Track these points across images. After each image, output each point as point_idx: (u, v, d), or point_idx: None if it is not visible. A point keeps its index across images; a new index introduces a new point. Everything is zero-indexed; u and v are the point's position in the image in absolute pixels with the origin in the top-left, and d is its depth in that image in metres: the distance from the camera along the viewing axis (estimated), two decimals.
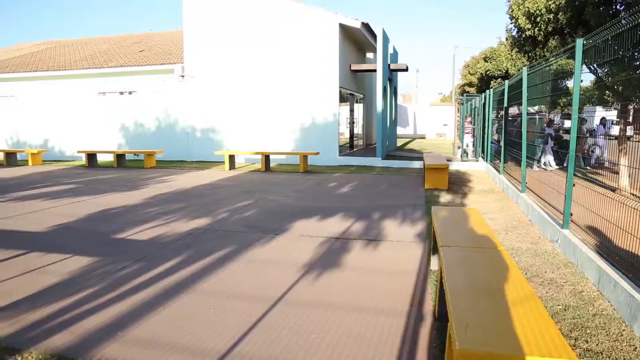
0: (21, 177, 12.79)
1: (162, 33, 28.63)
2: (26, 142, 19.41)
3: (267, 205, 8.12)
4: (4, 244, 5.72)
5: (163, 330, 3.39)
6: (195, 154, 17.01)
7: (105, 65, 21.10)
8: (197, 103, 16.78)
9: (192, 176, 12.47)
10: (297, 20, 15.38)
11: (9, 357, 3.06)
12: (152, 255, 5.17)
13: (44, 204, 8.49)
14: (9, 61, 25.23)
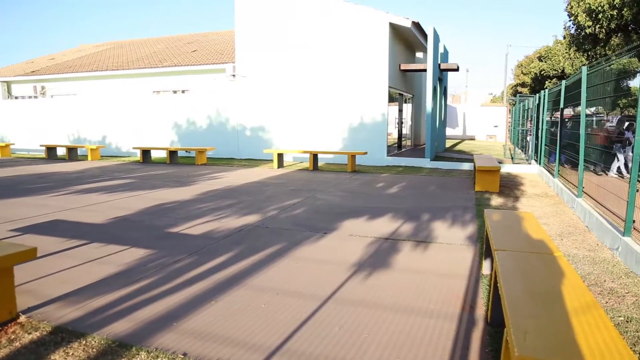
0: (81, 171, 13.42)
1: (214, 33, 29.29)
2: (86, 138, 20.32)
3: (315, 204, 8.18)
4: (68, 234, 6.04)
5: (216, 322, 3.48)
6: (244, 152, 17.32)
7: (160, 65, 21.81)
8: (247, 102, 17.08)
9: (241, 173, 12.70)
10: (347, 19, 15.38)
11: (75, 340, 3.23)
12: (205, 250, 5.31)
13: (103, 197, 8.87)
14: (72, 62, 26.49)
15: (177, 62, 21.86)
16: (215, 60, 20.77)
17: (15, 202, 8.45)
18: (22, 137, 21.77)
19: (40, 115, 21.43)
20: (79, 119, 20.48)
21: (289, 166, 14.79)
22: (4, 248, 3.33)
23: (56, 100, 21.88)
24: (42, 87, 24.73)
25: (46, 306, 3.80)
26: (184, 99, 18.68)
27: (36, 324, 3.48)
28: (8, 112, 22.29)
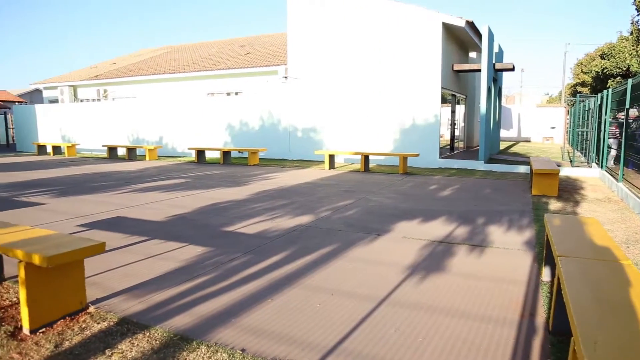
0: (140, 171, 13.98)
1: (266, 36, 29.77)
2: (144, 139, 21.12)
3: (368, 206, 8.16)
4: (130, 230, 6.31)
5: (272, 320, 3.55)
6: (295, 153, 17.51)
7: (214, 67, 22.39)
8: (299, 103, 17.26)
9: (293, 174, 12.85)
10: (399, 19, 15.26)
11: (140, 331, 3.37)
12: (260, 249, 5.42)
13: (161, 196, 9.21)
14: (131, 66, 27.62)
15: (230, 64, 22.38)
16: (268, 63, 21.12)
17: (81, 199, 8.91)
18: (86, 137, 22.89)
19: (102, 117, 22.46)
20: (138, 121, 21.31)
21: (339, 167, 14.82)
22: (76, 242, 3.52)
23: (117, 103, 22.87)
24: (105, 91, 25.94)
25: (112, 298, 3.99)
26: (237, 101, 19.08)
27: (104, 315, 3.66)
28: (74, 115, 23.49)
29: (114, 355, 3.08)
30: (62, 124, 23.80)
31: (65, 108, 24.40)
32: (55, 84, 28.57)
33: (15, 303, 3.94)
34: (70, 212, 7.69)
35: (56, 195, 9.41)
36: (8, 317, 3.68)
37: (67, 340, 3.29)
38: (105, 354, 3.09)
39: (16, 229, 3.97)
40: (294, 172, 13.51)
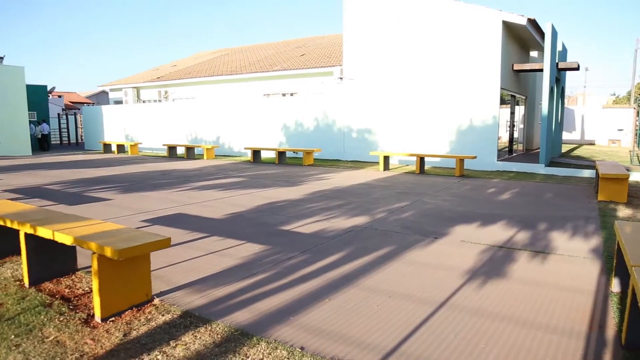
0: (199, 169, 14.42)
1: (321, 37, 29.95)
2: (202, 139, 21.75)
3: (424, 208, 8.04)
4: (190, 227, 6.52)
5: (330, 320, 3.56)
6: (350, 154, 17.51)
7: (270, 69, 22.75)
8: (354, 104, 17.24)
9: (347, 175, 12.85)
10: (457, 19, 14.95)
11: (202, 325, 3.48)
12: (317, 249, 5.45)
13: (218, 194, 9.45)
14: (191, 68, 28.52)
15: (286, 66, 22.67)
16: (323, 64, 21.25)
17: (144, 196, 9.29)
18: (148, 137, 23.83)
19: (163, 117, 23.31)
20: (196, 121, 21.96)
21: (394, 169, 14.69)
22: (144, 237, 3.67)
23: (177, 104, 23.67)
24: (166, 92, 26.92)
25: (175, 292, 4.13)
26: (292, 102, 19.30)
27: (168, 307, 3.80)
28: (136, 115, 24.53)
29: (178, 346, 3.19)
30: (126, 124, 24.89)
31: (129, 109, 25.50)
32: (120, 86, 29.92)
33: (87, 292, 4.16)
34: (134, 207, 8.04)
35: (121, 192, 9.85)
36: (81, 305, 3.89)
37: (135, 329, 3.44)
38: (169, 345, 3.20)
39: (89, 223, 4.18)
40: (349, 172, 13.51)
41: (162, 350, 3.13)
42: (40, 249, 4.32)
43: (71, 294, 4.14)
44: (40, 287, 4.29)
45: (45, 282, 4.40)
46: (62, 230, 3.87)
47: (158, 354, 3.10)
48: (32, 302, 3.96)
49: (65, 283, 4.41)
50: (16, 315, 3.72)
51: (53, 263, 4.46)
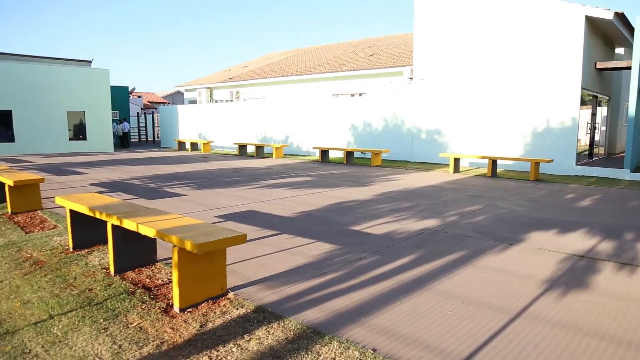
0: (268, 168, 14.73)
1: (391, 37, 29.69)
2: (271, 138, 22.19)
3: (497, 212, 7.76)
4: (261, 224, 6.67)
5: (402, 323, 3.52)
6: (418, 155, 17.23)
7: (339, 69, 22.83)
8: (424, 105, 16.94)
9: (416, 177, 12.66)
10: (535, 14, 14.29)
11: (275, 321, 3.54)
12: (387, 250, 5.40)
13: (288, 193, 9.60)
14: (261, 69, 29.18)
15: (355, 66, 22.66)
16: (392, 64, 21.05)
17: (216, 192, 9.61)
18: (219, 135, 24.63)
19: (234, 117, 24.01)
20: (266, 120, 22.44)
21: (464, 171, 14.30)
22: (221, 232, 3.79)
23: (247, 103, 24.30)
24: (237, 92, 27.72)
25: (248, 287, 4.24)
26: (361, 102, 19.25)
27: (241, 302, 3.90)
28: (209, 114, 25.43)
29: (252, 340, 3.26)
30: (199, 123, 25.87)
31: (202, 108, 26.48)
32: (194, 87, 31.15)
33: (165, 283, 4.36)
34: (207, 203, 8.34)
35: (195, 188, 10.25)
36: (161, 295, 4.07)
37: (210, 321, 3.56)
38: (244, 338, 3.29)
39: (169, 217, 4.38)
40: (418, 174, 13.29)
41: (236, 343, 3.22)
42: (125, 240, 4.58)
43: (151, 284, 4.35)
44: (124, 276, 4.54)
45: (128, 271, 4.66)
46: (146, 223, 4.07)
47: (233, 346, 3.18)
48: (117, 290, 4.20)
49: (146, 273, 4.64)
50: (104, 300, 3.97)
51: (135, 254, 4.71)
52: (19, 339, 3.31)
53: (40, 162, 16.89)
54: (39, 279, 4.51)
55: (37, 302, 3.95)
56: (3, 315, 3.70)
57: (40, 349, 3.17)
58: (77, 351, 3.14)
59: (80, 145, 23.35)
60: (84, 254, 5.26)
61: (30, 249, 5.54)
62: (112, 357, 3.06)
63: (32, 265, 4.91)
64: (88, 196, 5.56)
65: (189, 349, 3.15)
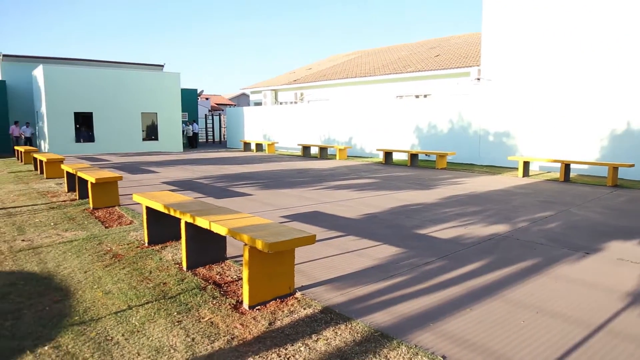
0: (332, 169, 14.80)
1: (457, 37, 29.03)
2: (335, 139, 22.27)
3: (571, 220, 7.39)
4: (327, 225, 6.71)
5: (473, 330, 3.42)
6: (485, 158, 16.71)
7: (403, 70, 22.59)
8: (491, 106, 16.40)
9: (483, 180, 12.28)
10: (613, 8, 13.47)
11: (342, 322, 3.55)
12: (454, 255, 5.28)
13: (352, 194, 9.60)
14: (325, 71, 29.39)
15: (420, 67, 22.34)
16: (459, 64, 20.57)
17: (282, 193, 9.77)
18: (284, 136, 25.02)
19: (298, 118, 24.31)
20: (330, 122, 22.55)
21: (534, 175, 13.71)
22: (291, 232, 3.85)
23: (311, 105, 24.54)
24: (301, 94, 28.08)
25: (315, 287, 4.27)
26: (426, 103, 18.93)
27: (309, 302, 3.94)
28: (274, 115, 25.89)
29: (319, 340, 3.29)
30: (264, 124, 26.40)
31: (267, 110, 27.01)
32: (259, 89, 31.88)
33: (234, 280, 4.48)
34: (273, 203, 8.49)
35: (261, 188, 10.47)
36: (230, 292, 4.19)
37: (279, 320, 3.62)
38: (311, 338, 3.32)
39: (239, 216, 4.50)
40: (484, 178, 12.90)
41: (304, 343, 3.26)
42: (197, 237, 4.75)
43: (221, 280, 4.48)
44: (195, 272, 4.71)
45: (199, 267, 4.83)
46: (217, 221, 4.21)
47: (301, 345, 3.22)
48: (189, 285, 4.36)
49: (216, 270, 4.79)
50: (177, 294, 4.13)
51: (206, 250, 4.88)
52: (102, 327, 3.52)
53: (116, 161, 17.87)
54: (118, 271, 4.78)
55: (117, 293, 4.17)
56: (88, 304, 3.94)
57: (121, 337, 3.35)
58: (154, 341, 3.29)
59: (152, 145, 24.48)
60: (158, 249, 5.51)
61: (110, 242, 5.87)
62: (186, 349, 3.18)
63: (112, 258, 5.21)
64: (162, 194, 5.81)
65: (258, 346, 3.22)
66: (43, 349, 3.18)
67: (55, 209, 8.16)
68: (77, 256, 5.31)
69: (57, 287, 4.36)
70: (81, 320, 3.64)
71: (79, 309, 3.84)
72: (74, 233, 6.40)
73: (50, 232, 6.50)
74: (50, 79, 21.29)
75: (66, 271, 4.79)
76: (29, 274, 4.75)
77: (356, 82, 24.74)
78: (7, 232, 6.48)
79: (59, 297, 4.09)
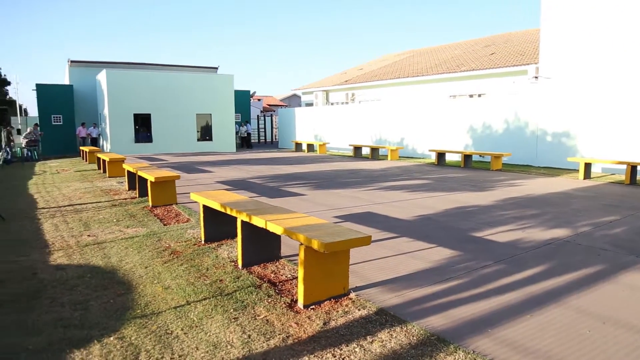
0: (384, 170, 14.71)
1: (513, 33, 28.15)
2: (386, 140, 22.10)
3: (639, 225, 7.00)
4: (380, 226, 6.67)
5: (534, 338, 3.30)
6: (543, 159, 16.09)
7: (457, 69, 22.14)
8: (550, 105, 15.78)
9: (541, 182, 11.84)
10: None
11: (397, 325, 3.52)
12: (512, 259, 5.12)
13: (405, 195, 9.50)
14: (376, 71, 29.22)
15: (474, 66, 21.82)
16: (515, 62, 19.93)
17: (334, 193, 9.80)
18: (334, 137, 25.06)
19: (349, 119, 24.28)
20: (381, 122, 22.39)
21: (596, 178, 13.08)
22: (346, 233, 3.85)
23: (362, 105, 24.46)
24: (352, 94, 28.04)
25: (369, 288, 4.26)
26: (480, 103, 18.45)
27: (363, 303, 3.92)
28: (324, 116, 25.99)
29: (374, 342, 3.27)
30: (315, 125, 26.55)
31: (318, 110, 27.15)
32: (311, 90, 32.09)
33: (289, 279, 4.53)
34: (326, 203, 8.53)
35: (313, 188, 10.54)
36: (285, 290, 4.24)
37: (333, 320, 3.62)
38: (366, 340, 3.30)
39: (294, 216, 4.54)
40: (542, 179, 12.43)
41: (359, 344, 3.25)
42: (252, 236, 4.84)
43: (276, 279, 4.54)
44: (250, 270, 4.80)
45: (254, 266, 4.91)
46: (273, 220, 4.26)
47: (356, 346, 3.22)
48: (245, 282, 4.45)
49: (271, 268, 4.86)
50: (233, 291, 4.22)
51: (261, 249, 4.96)
52: (163, 321, 3.64)
53: (173, 161, 18.47)
54: (176, 267, 4.93)
55: (175, 288, 4.31)
56: (149, 298, 4.10)
57: (180, 332, 3.46)
58: (212, 336, 3.38)
59: (206, 145, 25.14)
60: (214, 247, 5.65)
61: (168, 239, 6.08)
62: (243, 345, 3.24)
63: (170, 255, 5.38)
64: (218, 193, 5.96)
65: (313, 345, 3.24)
66: (109, 339, 3.33)
67: (117, 206, 8.53)
68: (137, 252, 5.53)
69: (120, 280, 4.56)
70: (143, 313, 3.78)
71: (140, 303, 3.99)
72: (134, 230, 6.67)
73: (113, 228, 6.80)
74: (112, 82, 22.29)
75: (128, 266, 5.00)
76: (95, 267, 4.99)
77: (408, 82, 24.46)
78: (75, 228, 6.84)
79: (122, 291, 4.27)
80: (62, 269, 4.95)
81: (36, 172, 15.49)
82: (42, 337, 3.39)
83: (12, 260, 5.30)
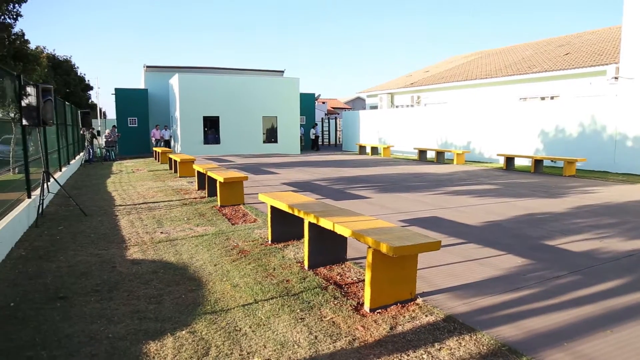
0: (450, 174, 14.40)
1: (591, 32, 26.70)
2: (452, 143, 21.62)
3: None
4: (447, 231, 6.55)
5: (613, 355, 3.13)
6: (622, 165, 15.14)
7: (528, 71, 21.30)
8: (632, 108, 14.82)
9: (620, 190, 11.15)
10: None
11: (466, 333, 3.45)
12: (589, 270, 4.87)
13: (472, 200, 9.26)
14: (443, 73, 28.67)
15: (546, 67, 20.90)
16: (592, 63, 18.89)
17: (399, 196, 9.71)
18: (399, 140, 24.81)
19: (413, 122, 23.96)
20: (447, 125, 21.93)
21: None
22: (415, 237, 3.82)
23: (427, 108, 24.07)
24: (418, 97, 27.65)
25: (436, 294, 4.19)
26: (552, 105, 17.64)
27: (430, 309, 3.87)
28: (389, 119, 25.80)
29: (442, 350, 3.22)
30: (379, 128, 26.41)
31: (382, 113, 27.00)
32: (375, 92, 31.95)
33: (355, 282, 4.55)
34: (391, 207, 8.47)
35: (378, 191, 10.50)
36: (351, 293, 4.26)
37: (400, 325, 3.60)
38: (434, 347, 3.26)
39: (361, 218, 4.55)
40: (621, 187, 11.70)
41: (427, 350, 3.21)
42: (319, 237, 4.90)
43: (342, 282, 4.57)
44: (316, 271, 4.86)
45: (320, 267, 4.97)
46: (341, 222, 4.30)
47: (423, 353, 3.18)
48: (311, 283, 4.51)
49: (337, 270, 4.89)
50: (300, 292, 4.29)
51: (328, 251, 5.01)
52: (231, 317, 3.77)
53: (240, 162, 19.00)
54: (244, 266, 5.08)
55: (243, 287, 4.44)
56: (218, 295, 4.25)
57: (248, 329, 3.56)
58: (279, 335, 3.45)
59: (272, 147, 25.65)
60: (281, 247, 5.76)
61: (236, 238, 6.26)
62: (309, 346, 3.29)
63: (238, 254, 5.55)
64: (285, 194, 6.07)
65: (379, 349, 3.24)
66: (181, 333, 3.49)
67: (188, 205, 8.89)
68: (207, 250, 5.74)
69: (191, 277, 4.75)
70: (213, 310, 3.93)
71: (210, 299, 4.14)
72: (204, 228, 6.93)
73: (183, 226, 7.10)
74: (184, 86, 23.27)
75: (198, 263, 5.21)
76: (167, 263, 5.23)
77: (475, 85, 23.80)
78: (149, 225, 7.20)
79: (192, 287, 4.46)
80: (137, 263, 5.23)
81: (113, 171, 16.44)
82: (120, 326, 3.60)
83: (94, 253, 5.67)
